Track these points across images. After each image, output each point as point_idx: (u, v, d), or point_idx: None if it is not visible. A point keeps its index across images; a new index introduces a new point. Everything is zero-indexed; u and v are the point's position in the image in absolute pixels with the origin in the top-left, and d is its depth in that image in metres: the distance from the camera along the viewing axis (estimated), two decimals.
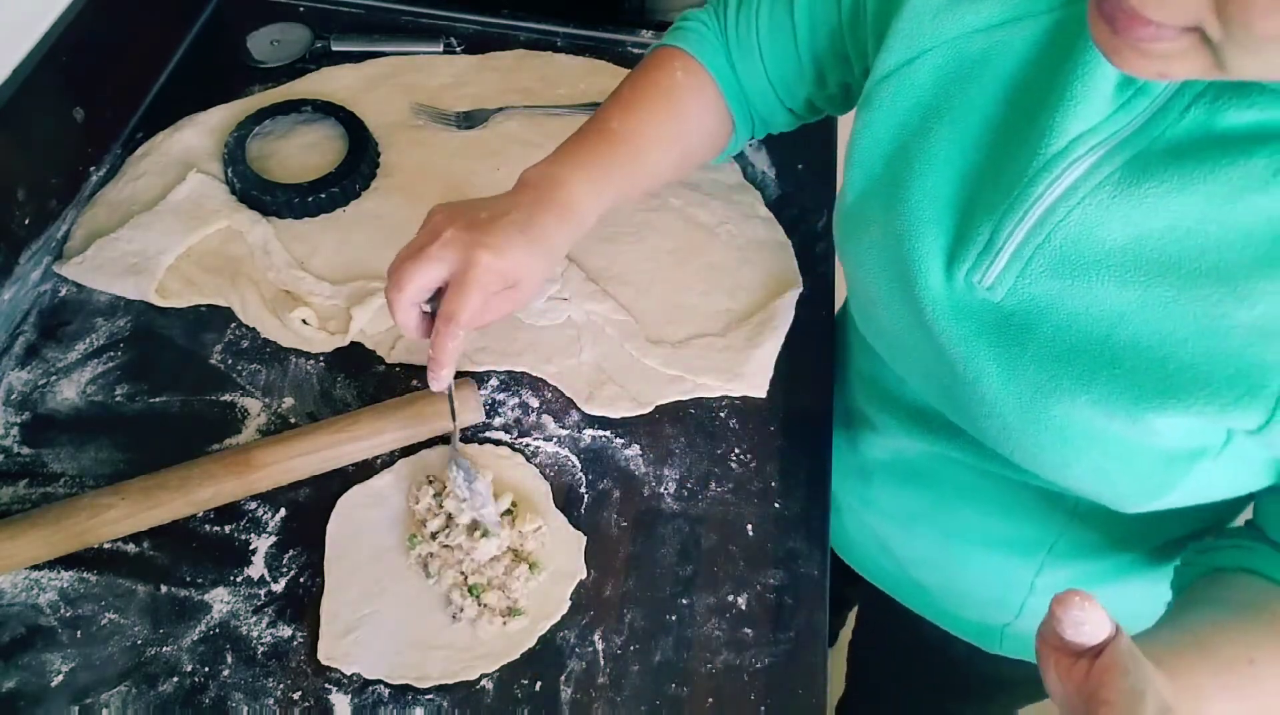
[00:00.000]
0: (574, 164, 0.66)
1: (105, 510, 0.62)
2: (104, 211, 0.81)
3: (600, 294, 0.78)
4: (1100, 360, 0.49)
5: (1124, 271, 0.47)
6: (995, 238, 0.51)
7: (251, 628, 0.61)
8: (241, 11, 0.98)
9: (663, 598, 0.65)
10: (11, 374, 0.71)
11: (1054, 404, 0.51)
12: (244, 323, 0.75)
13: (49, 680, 0.59)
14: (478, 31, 0.99)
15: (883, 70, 0.56)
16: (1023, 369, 0.52)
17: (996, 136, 0.52)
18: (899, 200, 0.56)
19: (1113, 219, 0.47)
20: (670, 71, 0.70)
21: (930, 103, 0.55)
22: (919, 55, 0.54)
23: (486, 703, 0.60)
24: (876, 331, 0.64)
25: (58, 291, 0.76)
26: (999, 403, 0.54)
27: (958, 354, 0.55)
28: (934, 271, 0.54)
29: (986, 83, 0.52)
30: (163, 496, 0.63)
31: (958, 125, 0.53)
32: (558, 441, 0.71)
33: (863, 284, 0.62)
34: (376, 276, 0.78)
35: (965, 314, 0.54)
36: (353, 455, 0.68)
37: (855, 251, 0.61)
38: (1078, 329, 0.50)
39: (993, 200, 0.51)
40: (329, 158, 0.85)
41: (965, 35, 0.53)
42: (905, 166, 0.56)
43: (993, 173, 0.52)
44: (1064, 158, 0.48)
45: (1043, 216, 0.49)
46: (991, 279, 0.52)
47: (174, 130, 0.87)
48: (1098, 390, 0.49)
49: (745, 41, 0.69)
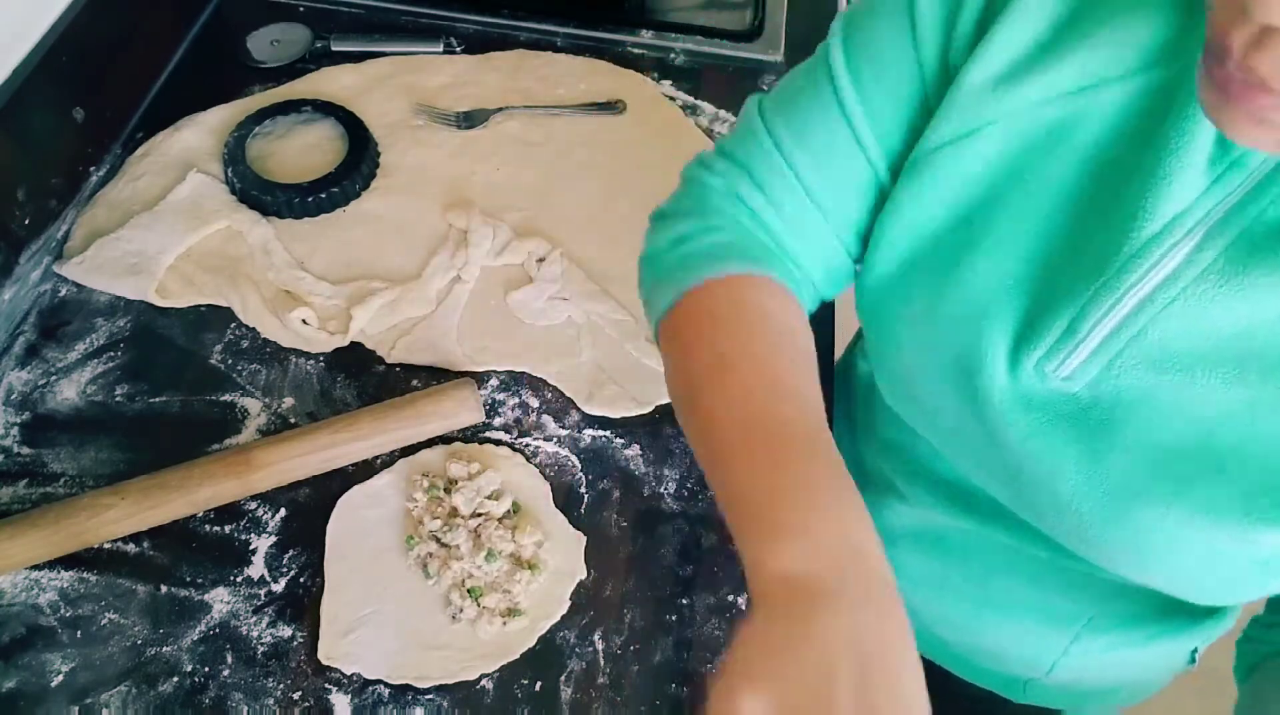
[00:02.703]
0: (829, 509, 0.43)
1: (105, 510, 0.62)
2: (104, 211, 0.81)
3: (600, 294, 0.78)
4: (1201, 465, 0.45)
5: (1230, 368, 0.43)
6: (1077, 326, 0.46)
7: (251, 628, 0.61)
8: (241, 11, 0.98)
9: (663, 598, 0.65)
10: (11, 374, 0.71)
11: (1143, 508, 0.46)
12: (244, 323, 0.75)
13: (49, 680, 0.59)
14: (478, 31, 0.99)
15: (935, 142, 0.49)
16: (1108, 468, 0.47)
17: (1076, 215, 0.47)
18: (955, 280, 0.50)
19: (1216, 310, 0.43)
20: (767, 308, 0.52)
21: (996, 176, 0.48)
22: (980, 128, 0.48)
23: (486, 703, 0.60)
24: (915, 412, 0.58)
25: (58, 291, 0.76)
26: (1077, 501, 0.49)
27: (1027, 448, 0.49)
28: (998, 359, 0.49)
29: (1063, 155, 0.46)
30: (163, 496, 0.63)
31: (1029, 201, 0.48)
32: (558, 441, 0.71)
33: (898, 362, 0.56)
34: (376, 276, 0.78)
35: (1036, 406, 0.49)
36: (353, 455, 0.68)
37: (890, 329, 0.55)
38: (1174, 428, 0.45)
39: (1072, 285, 0.46)
40: (329, 158, 0.85)
41: (1035, 105, 0.46)
42: (964, 243, 0.50)
43: (1071, 254, 0.46)
44: (1160, 242, 0.43)
45: (1138, 306, 0.44)
46: (1070, 370, 0.47)
47: (174, 130, 0.87)
48: (1197, 497, 0.45)
49: (798, 220, 0.55)
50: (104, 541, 0.63)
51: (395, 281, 0.78)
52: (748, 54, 0.99)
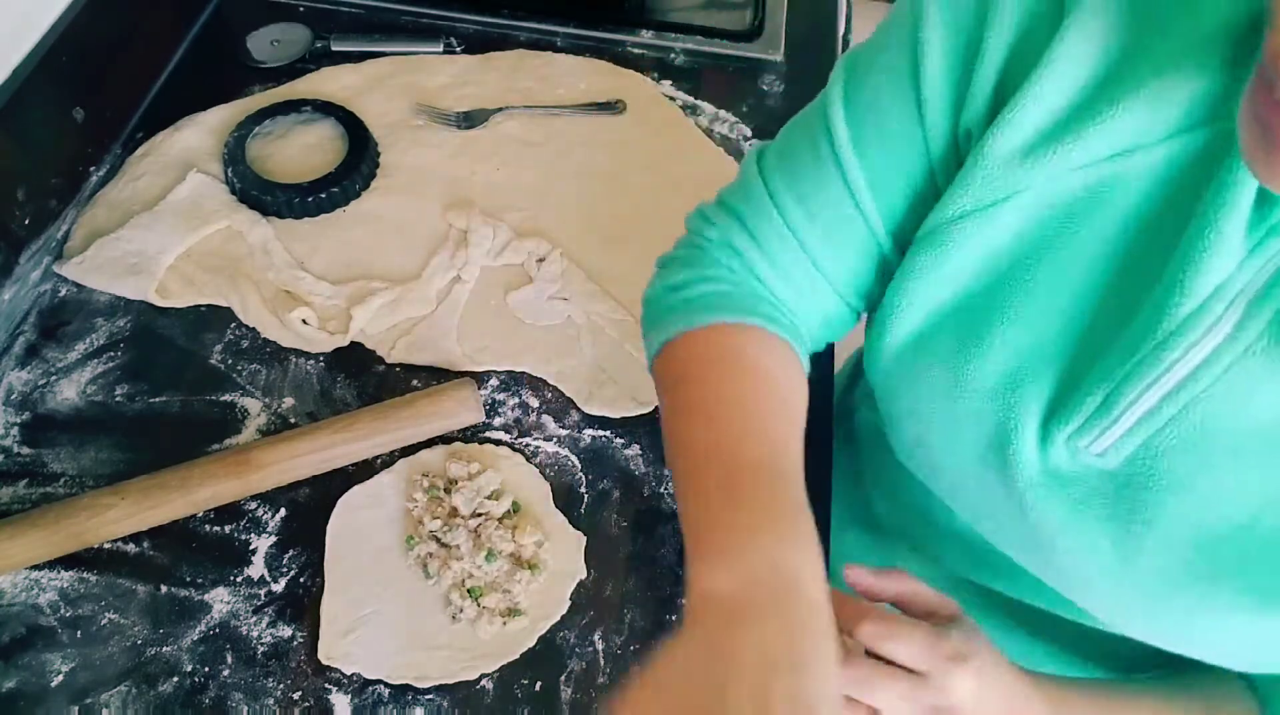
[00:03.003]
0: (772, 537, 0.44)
1: (105, 510, 0.62)
2: (104, 211, 0.81)
3: (600, 294, 0.78)
4: (1245, 550, 0.43)
5: (1277, 452, 0.42)
6: (1112, 402, 0.44)
7: (251, 628, 0.61)
8: (241, 11, 0.98)
9: (663, 598, 0.65)
10: (11, 374, 0.71)
11: (1183, 592, 0.45)
12: (244, 323, 0.75)
13: (49, 680, 0.59)
14: (478, 31, 0.99)
15: (956, 211, 0.47)
16: (1145, 549, 0.45)
17: (1112, 285, 0.45)
18: (982, 352, 0.48)
19: (1265, 389, 0.41)
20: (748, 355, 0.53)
21: (1025, 246, 0.46)
22: (1009, 197, 0.45)
23: (486, 703, 0.60)
24: (935, 479, 0.57)
25: (58, 291, 0.76)
26: (1112, 580, 0.47)
27: (1058, 524, 0.48)
28: (1028, 433, 0.47)
29: (1098, 223, 0.44)
30: (163, 496, 0.63)
31: (1062, 271, 0.45)
32: (558, 441, 0.71)
33: (916, 429, 0.54)
34: (376, 276, 0.78)
35: (1068, 481, 0.47)
36: (353, 455, 0.68)
37: (909, 397, 0.53)
38: (1217, 512, 0.43)
39: (1108, 359, 0.44)
40: (329, 158, 0.85)
41: (1064, 174, 0.44)
42: (991, 314, 0.48)
43: (1107, 327, 0.45)
44: (1202, 317, 0.41)
45: (1179, 385, 0.42)
46: (1104, 447, 0.45)
47: (174, 130, 0.87)
48: (1241, 584, 0.43)
49: (795, 273, 0.55)
50: (104, 541, 0.63)
51: (395, 281, 0.78)
52: (748, 54, 0.99)
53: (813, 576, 0.43)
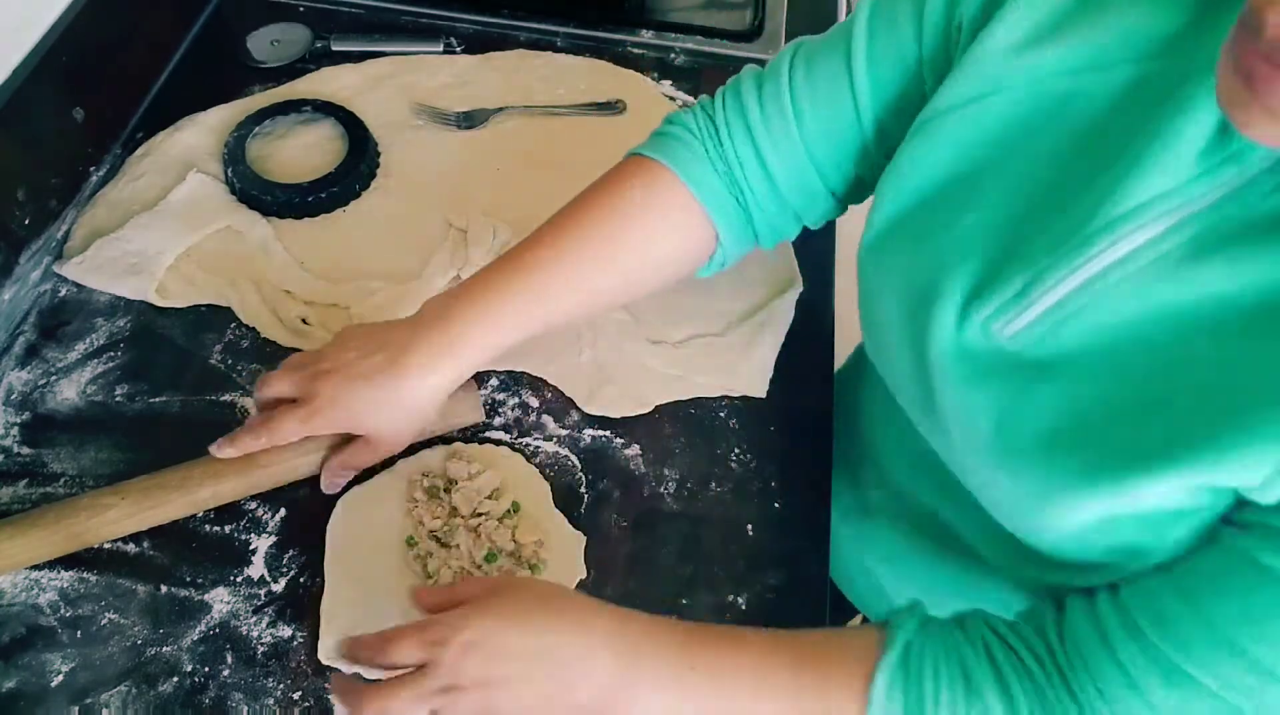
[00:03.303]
0: (470, 301, 0.60)
1: (105, 510, 0.61)
2: (104, 211, 0.81)
3: None
4: (1106, 432, 0.46)
5: (1159, 350, 0.45)
6: (1030, 289, 0.48)
7: (251, 628, 0.61)
8: (241, 11, 0.98)
9: (663, 598, 0.65)
10: (11, 374, 0.71)
11: (1045, 461, 0.49)
12: (244, 323, 0.75)
13: (49, 680, 0.59)
14: (478, 31, 0.99)
15: (946, 103, 0.52)
16: (1020, 421, 0.49)
17: (1055, 185, 0.48)
18: (933, 234, 0.53)
19: (1165, 289, 0.44)
20: (624, 189, 0.63)
21: (995, 142, 0.50)
22: (992, 92, 0.50)
23: None
24: (883, 361, 0.61)
25: (58, 291, 0.76)
26: (988, 451, 0.52)
27: (956, 396, 0.52)
28: (949, 308, 0.51)
29: (1060, 128, 0.48)
30: (163, 496, 0.63)
31: (1018, 168, 0.50)
32: (558, 441, 0.71)
33: (878, 315, 0.59)
34: (376, 276, 0.78)
35: (971, 357, 0.51)
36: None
37: (876, 281, 0.58)
38: (1090, 393, 0.47)
39: (1034, 251, 0.48)
40: (329, 158, 0.85)
41: (1045, 78, 0.48)
42: (952, 201, 0.52)
43: (1041, 222, 0.48)
44: (1127, 222, 0.45)
45: (1089, 281, 0.46)
46: (1013, 330, 0.49)
47: (174, 130, 0.87)
48: (1091, 456, 0.47)
49: (775, 122, 0.61)
50: (104, 541, 0.63)
51: (395, 281, 0.78)
52: (748, 54, 0.99)
53: (464, 339, 0.59)
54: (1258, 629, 0.42)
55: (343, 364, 0.60)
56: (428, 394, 0.60)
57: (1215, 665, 0.43)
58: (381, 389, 0.59)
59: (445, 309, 0.61)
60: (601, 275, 0.62)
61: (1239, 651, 0.42)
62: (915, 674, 0.49)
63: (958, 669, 0.49)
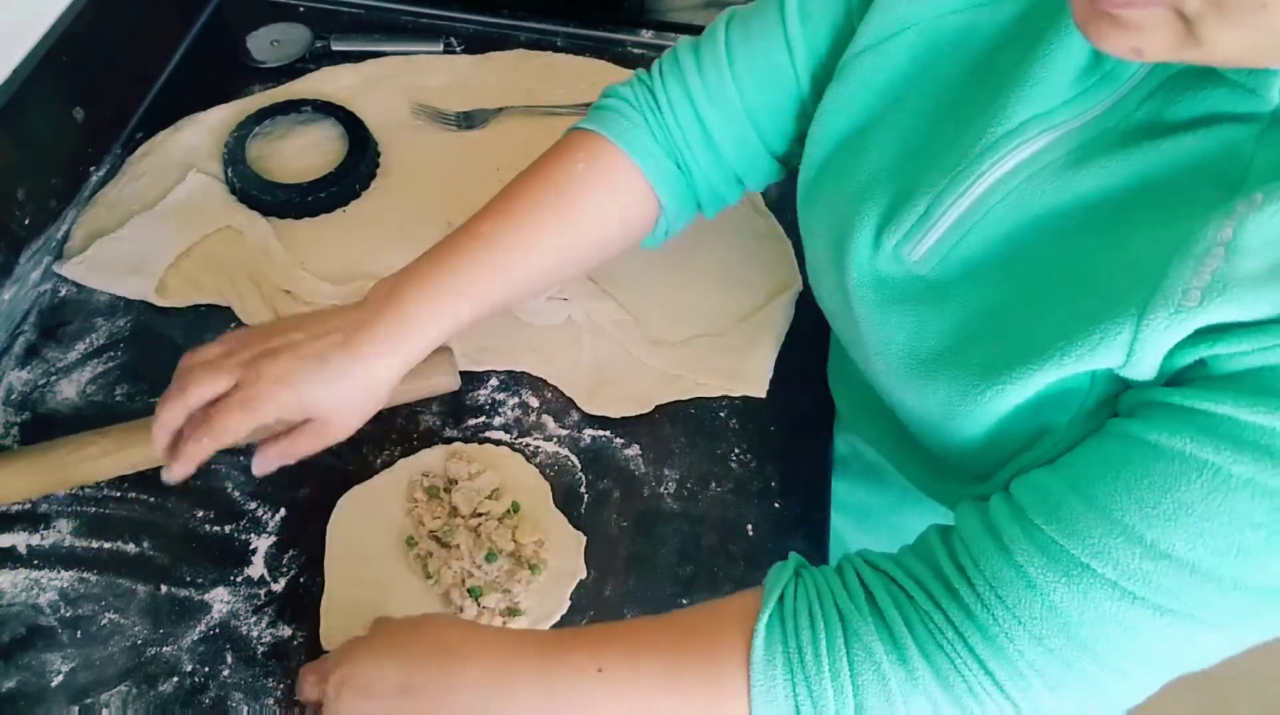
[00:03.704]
0: (421, 278, 0.59)
1: (87, 446, 0.61)
2: (104, 211, 0.81)
3: (600, 294, 0.78)
4: (1002, 328, 0.49)
5: (1040, 250, 0.48)
6: (931, 211, 0.51)
7: (251, 628, 0.61)
8: (241, 11, 0.98)
9: (663, 598, 0.65)
10: (11, 374, 0.71)
11: (943, 372, 0.51)
12: (244, 323, 0.75)
13: (49, 680, 0.59)
14: (478, 31, 0.99)
15: (859, 46, 0.56)
16: (926, 339, 0.52)
17: (953, 112, 0.52)
18: (851, 172, 0.56)
19: (1044, 199, 0.48)
20: (568, 163, 0.63)
21: (902, 79, 0.55)
22: (899, 32, 0.54)
23: None
24: (823, 302, 0.64)
25: (58, 291, 0.76)
26: (895, 374, 0.55)
27: (872, 321, 0.55)
28: (864, 240, 0.54)
29: (956, 62, 0.53)
30: (144, 436, 0.60)
31: (923, 102, 0.54)
32: (558, 441, 0.71)
33: (813, 257, 0.62)
34: (376, 276, 0.77)
35: (884, 282, 0.54)
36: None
37: (808, 221, 0.61)
38: (984, 304, 0.50)
39: (934, 175, 0.51)
40: (329, 158, 0.85)
41: (943, 15, 0.53)
42: (867, 138, 0.56)
43: (940, 148, 0.52)
44: (1011, 139, 0.48)
45: (982, 195, 0.49)
46: (920, 253, 0.52)
47: (174, 130, 0.87)
48: (984, 353, 0.49)
49: (714, 84, 0.62)
50: (86, 483, 0.63)
51: None
52: None
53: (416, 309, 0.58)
54: (1149, 510, 0.41)
55: (289, 343, 0.56)
56: (383, 374, 0.58)
57: (1112, 553, 0.42)
58: (335, 369, 0.56)
59: (394, 289, 0.59)
60: (552, 247, 0.62)
61: (1135, 536, 0.41)
62: (791, 624, 0.48)
63: (833, 611, 0.49)
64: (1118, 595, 0.42)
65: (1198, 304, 0.40)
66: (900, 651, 0.46)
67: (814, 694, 0.46)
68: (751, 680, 0.48)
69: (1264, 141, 0.42)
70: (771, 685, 0.47)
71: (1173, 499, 0.41)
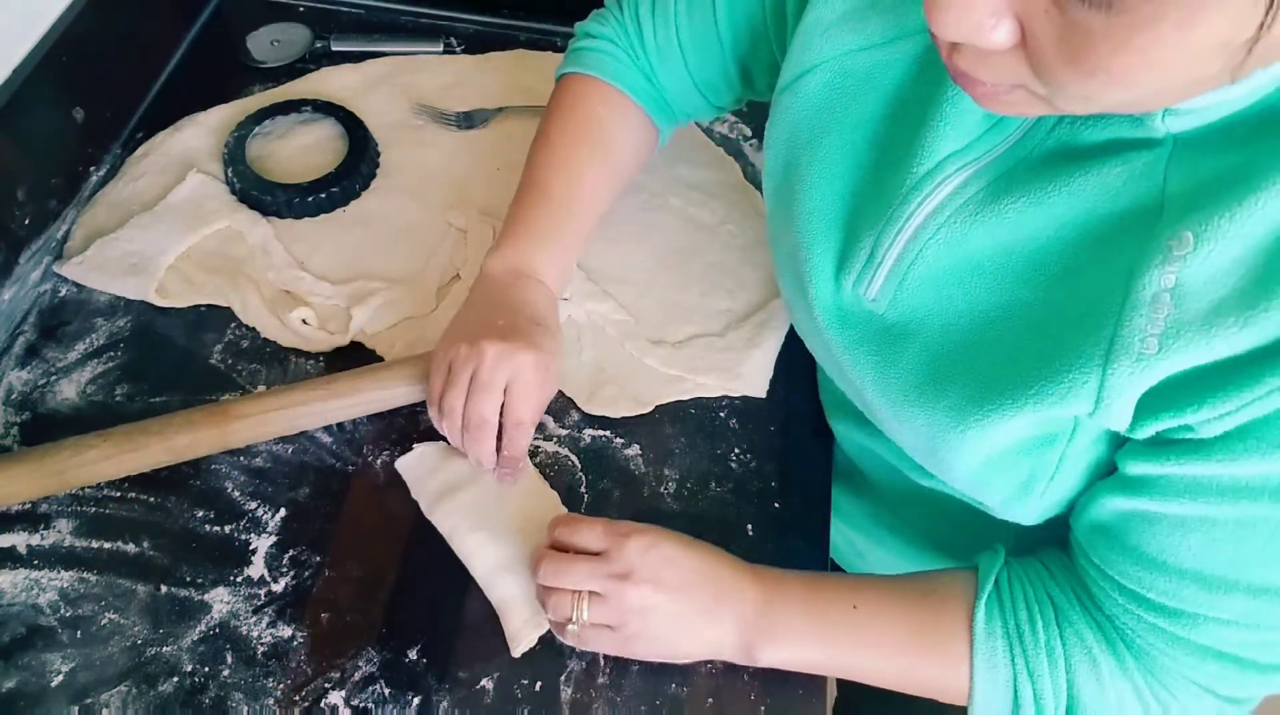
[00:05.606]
0: (532, 246, 0.68)
1: (87, 450, 0.62)
2: (104, 211, 0.81)
3: (600, 294, 0.78)
4: (970, 360, 0.50)
5: (990, 280, 0.49)
6: (875, 251, 0.53)
7: (251, 628, 0.61)
8: (241, 11, 0.98)
9: None
10: (11, 374, 0.71)
11: (916, 409, 0.53)
12: (244, 323, 0.75)
13: (49, 680, 0.59)
14: (478, 31, 0.99)
15: (781, 83, 0.59)
16: (894, 378, 0.54)
17: (878, 152, 0.54)
18: (794, 213, 0.58)
19: (978, 233, 0.49)
20: (590, 109, 0.71)
21: (818, 117, 0.56)
22: (810, 69, 0.56)
23: (486, 703, 0.60)
24: (799, 331, 0.66)
25: (58, 291, 0.76)
26: (876, 408, 0.57)
27: (845, 360, 0.57)
28: (824, 281, 0.57)
29: (870, 100, 0.54)
30: (143, 440, 0.63)
31: (844, 140, 0.55)
32: (558, 441, 0.71)
33: (782, 284, 0.65)
34: (376, 276, 0.78)
35: (850, 322, 0.56)
36: (330, 413, 0.67)
37: (775, 254, 0.64)
38: (948, 338, 0.52)
39: (873, 215, 0.53)
40: (329, 158, 0.85)
41: (851, 52, 0.54)
42: (798, 179, 0.57)
43: (874, 188, 0.54)
44: (934, 177, 0.50)
45: (916, 232, 0.51)
46: (875, 292, 0.54)
47: (174, 130, 0.87)
48: (953, 398, 0.51)
49: (666, 49, 0.69)
50: (85, 484, 0.64)
51: (395, 281, 0.78)
52: None
53: (546, 270, 0.67)
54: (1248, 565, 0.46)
55: (509, 330, 0.62)
56: (556, 321, 0.67)
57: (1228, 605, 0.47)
58: (550, 328, 0.65)
59: (519, 266, 0.67)
60: (605, 193, 0.72)
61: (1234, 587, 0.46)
62: (1010, 604, 0.55)
63: (1045, 597, 0.55)
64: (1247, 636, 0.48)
65: (1157, 352, 0.43)
66: (1109, 641, 0.52)
67: (1031, 668, 0.53)
68: (974, 651, 0.54)
69: (1172, 167, 0.44)
70: (992, 655, 0.54)
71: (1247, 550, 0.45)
